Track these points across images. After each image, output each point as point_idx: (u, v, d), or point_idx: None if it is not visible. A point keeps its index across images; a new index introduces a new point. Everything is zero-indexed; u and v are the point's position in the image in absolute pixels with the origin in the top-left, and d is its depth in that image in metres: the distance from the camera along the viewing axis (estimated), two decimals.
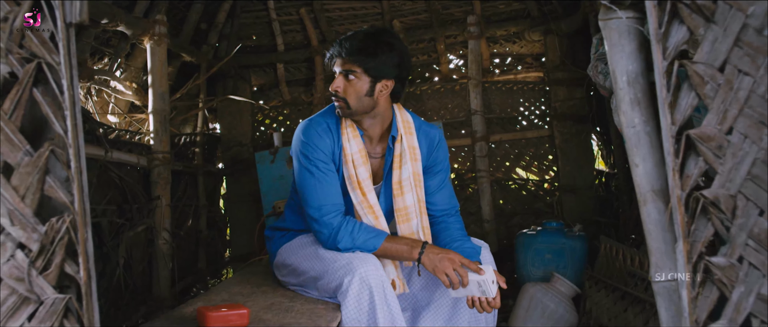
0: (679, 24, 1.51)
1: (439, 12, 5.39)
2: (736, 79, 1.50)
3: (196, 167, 4.78)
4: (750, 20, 1.50)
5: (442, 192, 2.74)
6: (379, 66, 2.44)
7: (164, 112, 3.99)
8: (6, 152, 1.55)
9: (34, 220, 1.55)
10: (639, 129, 1.64)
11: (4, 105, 1.56)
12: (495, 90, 5.55)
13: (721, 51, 1.50)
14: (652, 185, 1.63)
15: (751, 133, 1.50)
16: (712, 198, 1.47)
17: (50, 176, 1.55)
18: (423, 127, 2.69)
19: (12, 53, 1.56)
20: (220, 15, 5.08)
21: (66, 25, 1.56)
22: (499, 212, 5.46)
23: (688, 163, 1.51)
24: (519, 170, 5.60)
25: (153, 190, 3.90)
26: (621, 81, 1.65)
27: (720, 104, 1.50)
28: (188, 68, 4.95)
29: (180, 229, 4.40)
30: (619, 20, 1.61)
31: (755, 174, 1.50)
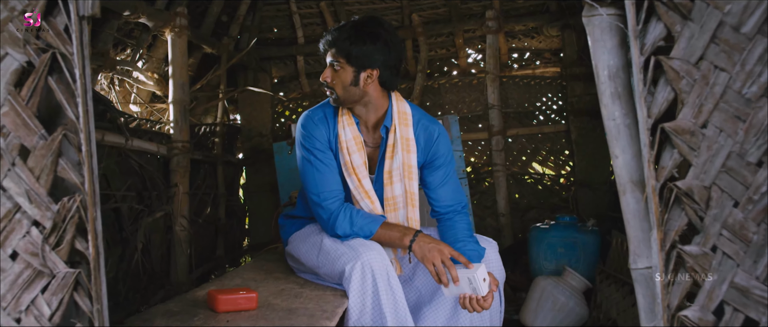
0: (656, 21, 1.58)
1: (457, 6, 5.46)
2: (712, 74, 1.57)
3: (216, 157, 4.92)
4: (727, 18, 1.56)
5: (445, 187, 2.76)
6: (361, 56, 2.50)
7: (184, 103, 4.12)
8: (23, 136, 1.67)
9: (48, 199, 1.67)
10: (619, 122, 1.71)
11: (22, 92, 1.68)
12: (512, 84, 5.61)
13: (697, 47, 1.57)
14: (631, 176, 1.70)
15: (726, 127, 1.57)
16: (686, 189, 1.54)
17: (63, 159, 1.68)
18: (422, 121, 2.72)
19: (29, 44, 1.68)
20: (242, 7, 5.20)
21: (79, 17, 1.68)
22: (515, 206, 5.52)
23: (664, 155, 1.58)
24: (535, 165, 5.65)
25: (172, 179, 4.04)
26: (602, 75, 1.73)
27: (695, 99, 1.56)
28: (210, 60, 5.08)
29: (199, 216, 4.54)
30: (601, 17, 1.68)
31: (730, 166, 1.57)
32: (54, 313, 1.67)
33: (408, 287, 2.76)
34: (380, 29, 2.53)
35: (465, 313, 2.63)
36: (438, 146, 2.72)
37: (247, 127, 5.54)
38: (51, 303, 1.67)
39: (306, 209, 2.93)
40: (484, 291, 2.39)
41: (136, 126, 3.99)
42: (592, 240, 4.49)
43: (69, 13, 1.68)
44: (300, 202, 2.99)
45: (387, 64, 2.56)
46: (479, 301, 2.41)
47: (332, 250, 2.58)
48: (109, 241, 3.46)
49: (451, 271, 2.39)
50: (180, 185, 3.98)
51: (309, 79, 5.78)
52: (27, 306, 1.68)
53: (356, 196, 2.67)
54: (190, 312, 2.33)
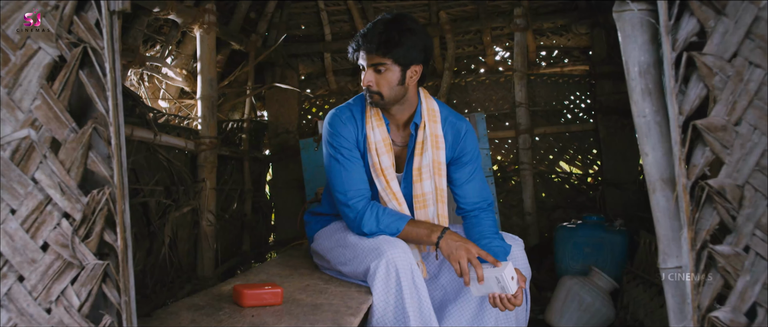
0: (689, 16, 1.55)
1: (485, 4, 5.43)
2: (747, 70, 1.53)
3: (243, 153, 4.95)
4: (763, 13, 1.53)
5: (471, 184, 2.74)
6: (406, 53, 2.46)
7: (212, 99, 4.15)
8: (55, 129, 1.70)
9: (78, 191, 1.69)
10: (649, 119, 1.68)
11: (54, 85, 1.71)
12: (540, 83, 5.56)
13: (731, 43, 1.53)
14: (661, 174, 1.67)
15: (760, 125, 1.54)
16: (718, 187, 1.51)
17: (93, 152, 1.70)
18: (450, 118, 2.71)
19: (61, 38, 1.70)
20: (270, 4, 5.22)
21: (110, 12, 1.70)
22: (541, 205, 5.47)
23: (695, 153, 1.55)
24: (562, 163, 5.60)
25: (199, 174, 4.07)
26: (633, 71, 1.70)
27: (729, 96, 1.53)
28: (238, 56, 5.11)
29: (225, 212, 4.57)
30: (632, 12, 1.66)
31: (764, 165, 1.54)
32: (83, 304, 1.69)
33: (433, 285, 2.74)
34: (414, 25, 2.52)
35: (490, 311, 2.61)
36: (465, 143, 2.71)
37: (274, 123, 5.57)
38: (80, 294, 1.69)
39: (331, 206, 2.93)
40: (513, 289, 2.36)
41: (165, 121, 4.03)
42: (619, 240, 4.44)
43: (100, 8, 1.70)
44: (325, 198, 2.99)
45: (427, 59, 2.57)
46: (510, 299, 2.39)
47: (358, 247, 2.58)
48: (137, 235, 3.50)
49: (477, 270, 2.36)
50: (207, 180, 4.01)
51: (336, 76, 5.79)
52: (57, 296, 1.70)
53: (384, 197, 2.66)
54: (215, 306, 2.34)
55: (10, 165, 1.71)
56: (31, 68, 1.72)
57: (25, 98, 1.72)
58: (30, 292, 1.71)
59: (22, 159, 1.71)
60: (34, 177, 1.71)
